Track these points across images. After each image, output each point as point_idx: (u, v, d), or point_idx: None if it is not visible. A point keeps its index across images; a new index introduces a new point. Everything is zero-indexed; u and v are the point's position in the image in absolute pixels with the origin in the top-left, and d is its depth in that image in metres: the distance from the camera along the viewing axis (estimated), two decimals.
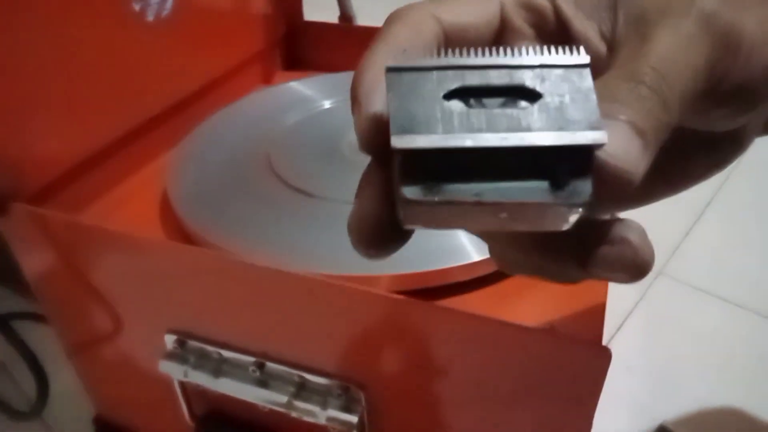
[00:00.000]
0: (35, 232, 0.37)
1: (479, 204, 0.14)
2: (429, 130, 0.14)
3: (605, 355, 0.24)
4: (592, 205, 0.14)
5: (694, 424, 0.55)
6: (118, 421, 0.49)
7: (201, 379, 0.36)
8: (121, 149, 0.44)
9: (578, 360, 0.26)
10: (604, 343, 0.26)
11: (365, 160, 0.38)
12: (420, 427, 0.34)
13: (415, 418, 0.33)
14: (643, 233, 0.17)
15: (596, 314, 0.31)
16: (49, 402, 0.48)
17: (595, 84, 0.14)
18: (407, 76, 0.14)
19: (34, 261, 0.40)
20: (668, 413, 0.55)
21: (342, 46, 0.62)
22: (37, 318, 0.50)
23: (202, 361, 0.36)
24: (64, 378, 0.48)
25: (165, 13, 0.46)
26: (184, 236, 0.39)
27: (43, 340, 0.48)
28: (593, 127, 0.14)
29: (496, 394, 0.30)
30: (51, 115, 0.38)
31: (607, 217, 0.18)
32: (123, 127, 0.44)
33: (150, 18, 0.44)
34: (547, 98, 0.14)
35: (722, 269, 0.72)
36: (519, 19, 0.19)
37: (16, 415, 0.51)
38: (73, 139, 0.40)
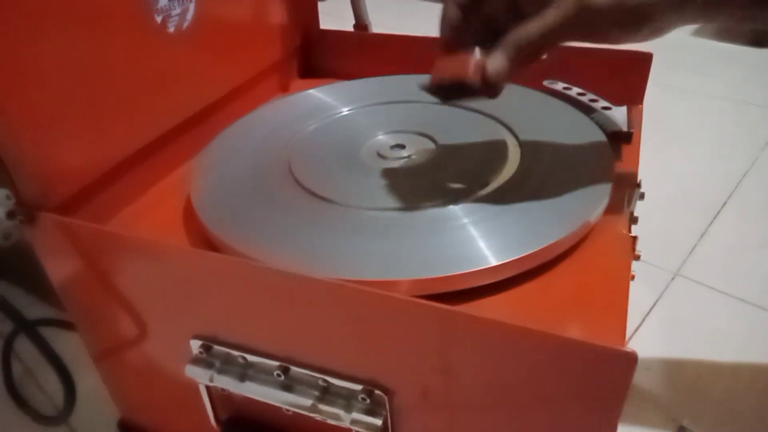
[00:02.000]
0: (62, 240, 0.38)
1: None
2: None
3: (631, 359, 0.24)
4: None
5: (713, 424, 0.55)
6: (143, 424, 0.50)
7: (226, 383, 0.37)
8: (144, 159, 0.45)
9: (603, 364, 0.26)
10: None
11: (382, 166, 0.41)
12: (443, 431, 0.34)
13: (437, 422, 0.34)
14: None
15: (618, 317, 0.31)
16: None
17: None
18: None
19: (61, 269, 0.41)
20: (687, 413, 0.55)
21: (357, 53, 0.62)
22: (63, 325, 0.51)
23: (228, 366, 0.37)
24: (88, 383, 0.49)
25: (186, 24, 0.46)
26: (208, 243, 0.39)
27: (68, 346, 0.49)
28: None
29: (518, 400, 0.30)
30: (77, 128, 0.39)
31: None
32: (146, 138, 0.45)
33: (171, 30, 0.45)
34: None
35: (739, 270, 0.72)
36: None
37: (44, 419, 0.52)
38: (98, 150, 0.41)
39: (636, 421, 0.55)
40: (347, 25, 0.67)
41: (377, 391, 0.33)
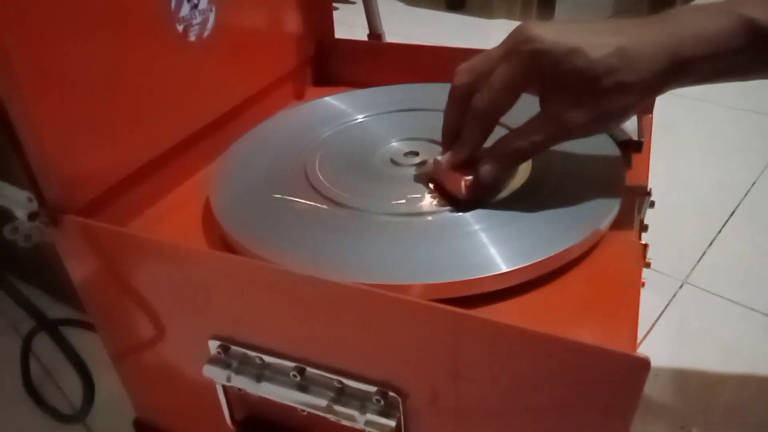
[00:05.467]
0: (85, 242, 0.39)
1: None
2: None
3: (643, 365, 0.25)
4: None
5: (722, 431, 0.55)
6: (158, 424, 0.50)
7: (243, 383, 0.38)
8: (165, 163, 0.46)
9: (615, 370, 0.26)
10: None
11: (397, 173, 0.43)
12: None
13: (450, 424, 0.34)
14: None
15: (629, 324, 0.31)
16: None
17: None
18: None
19: (83, 270, 0.42)
20: (696, 421, 0.55)
21: (370, 62, 0.63)
22: (83, 325, 0.52)
23: (245, 366, 0.38)
24: (103, 383, 0.49)
25: (206, 34, 0.48)
26: (226, 246, 0.40)
27: (85, 346, 0.50)
28: None
29: (529, 404, 0.31)
30: (100, 133, 0.40)
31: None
32: (166, 143, 0.46)
33: (192, 38, 0.46)
34: None
35: (748, 278, 0.72)
36: None
37: (62, 418, 0.53)
38: (120, 155, 0.42)
39: (644, 429, 0.55)
40: (358, 33, 0.68)
41: (391, 393, 0.34)
